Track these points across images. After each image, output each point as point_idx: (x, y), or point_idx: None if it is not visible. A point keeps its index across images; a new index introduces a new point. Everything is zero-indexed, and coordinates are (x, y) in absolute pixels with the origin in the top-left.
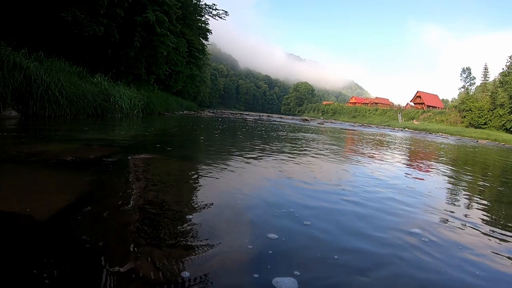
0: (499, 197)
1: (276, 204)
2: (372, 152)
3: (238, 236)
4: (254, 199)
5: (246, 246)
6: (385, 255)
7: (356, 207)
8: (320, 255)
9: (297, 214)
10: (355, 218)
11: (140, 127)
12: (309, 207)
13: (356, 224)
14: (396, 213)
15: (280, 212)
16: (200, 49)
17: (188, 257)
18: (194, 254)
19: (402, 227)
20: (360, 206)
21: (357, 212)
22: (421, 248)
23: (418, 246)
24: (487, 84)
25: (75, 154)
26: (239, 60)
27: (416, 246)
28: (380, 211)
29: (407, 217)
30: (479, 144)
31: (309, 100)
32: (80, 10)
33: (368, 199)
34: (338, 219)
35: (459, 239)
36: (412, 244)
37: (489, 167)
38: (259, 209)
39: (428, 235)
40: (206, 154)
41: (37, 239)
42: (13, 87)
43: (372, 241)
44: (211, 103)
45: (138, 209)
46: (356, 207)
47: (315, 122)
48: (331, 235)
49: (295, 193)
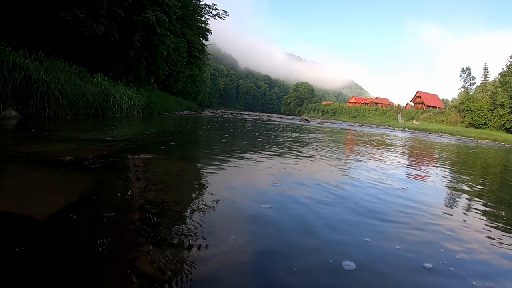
0: (499, 198)
1: (278, 203)
2: (372, 152)
3: (238, 236)
4: (254, 199)
5: (246, 246)
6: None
7: (360, 210)
8: (322, 258)
9: (298, 215)
10: (362, 225)
11: (140, 127)
12: (311, 208)
13: (361, 230)
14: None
15: (281, 212)
16: (200, 49)
17: (188, 257)
18: (194, 254)
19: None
20: (361, 207)
21: (362, 216)
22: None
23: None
24: (487, 84)
25: (75, 154)
26: (239, 60)
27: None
28: (382, 213)
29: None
30: (479, 144)
31: (309, 100)
32: (80, 10)
33: (370, 199)
34: (340, 219)
35: (459, 239)
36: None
37: (489, 166)
38: (260, 209)
39: (427, 236)
40: (206, 154)
41: (37, 239)
42: (13, 87)
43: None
44: (211, 103)
45: (138, 209)
46: (359, 211)
47: (315, 122)
48: (334, 237)
49: (296, 193)
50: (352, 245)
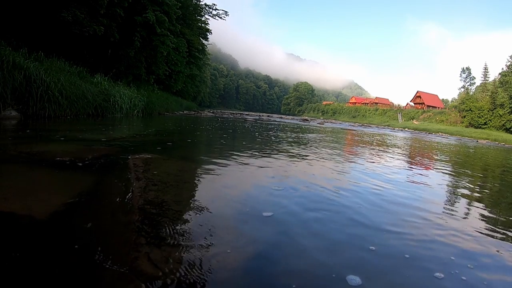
0: (499, 198)
1: (277, 204)
2: (373, 153)
3: (239, 236)
4: (254, 199)
5: (246, 246)
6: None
7: (361, 210)
8: (324, 273)
9: (298, 215)
10: (366, 233)
11: (140, 127)
12: (311, 208)
13: (360, 229)
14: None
15: (281, 212)
16: (200, 49)
17: (188, 257)
18: (194, 254)
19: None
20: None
21: (361, 215)
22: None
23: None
24: (487, 84)
25: (75, 154)
26: (239, 60)
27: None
28: (385, 217)
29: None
30: (479, 144)
31: (309, 100)
32: (80, 10)
33: (372, 200)
34: (341, 227)
35: (459, 240)
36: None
37: (493, 168)
38: (260, 209)
39: (428, 235)
40: (206, 154)
41: (37, 239)
42: (13, 87)
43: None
44: (211, 103)
45: (138, 209)
46: (360, 211)
47: (315, 122)
48: (337, 247)
49: (296, 193)
50: (356, 256)
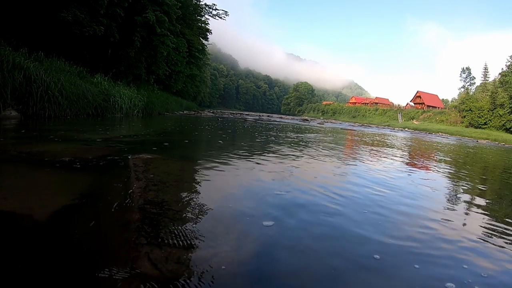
0: (499, 198)
1: (277, 204)
2: (373, 153)
3: (238, 236)
4: (254, 198)
5: (246, 246)
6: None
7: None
8: (321, 261)
9: (298, 215)
10: (371, 241)
11: (140, 127)
12: (311, 208)
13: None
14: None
15: (281, 212)
16: (200, 49)
17: (188, 257)
18: (194, 254)
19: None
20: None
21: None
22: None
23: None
24: (487, 84)
25: (75, 154)
26: (239, 60)
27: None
28: (385, 216)
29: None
30: (479, 144)
31: (309, 100)
32: (80, 10)
33: (373, 200)
34: (345, 234)
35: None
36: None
37: (494, 168)
38: (260, 209)
39: (427, 235)
40: (206, 154)
41: (37, 239)
42: (13, 87)
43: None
44: (211, 103)
45: (138, 209)
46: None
47: (315, 122)
48: (341, 256)
49: (297, 193)
50: (362, 267)
